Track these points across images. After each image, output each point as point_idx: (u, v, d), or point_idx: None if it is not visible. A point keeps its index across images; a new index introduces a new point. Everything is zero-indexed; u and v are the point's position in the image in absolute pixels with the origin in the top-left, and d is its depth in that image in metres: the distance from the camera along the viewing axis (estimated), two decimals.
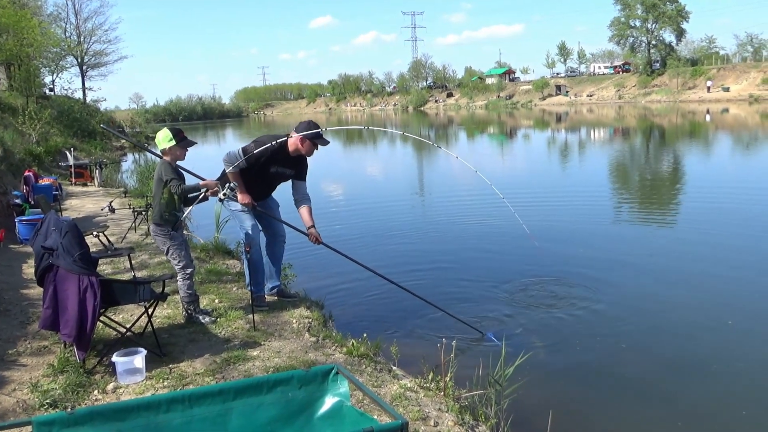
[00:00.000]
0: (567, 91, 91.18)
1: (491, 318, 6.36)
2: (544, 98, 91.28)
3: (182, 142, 5.11)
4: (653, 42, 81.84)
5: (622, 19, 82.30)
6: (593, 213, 11.95)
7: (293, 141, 5.58)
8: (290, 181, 5.81)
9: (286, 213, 6.03)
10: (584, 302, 6.74)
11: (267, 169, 5.60)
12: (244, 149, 5.51)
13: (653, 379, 5.12)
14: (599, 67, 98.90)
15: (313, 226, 5.65)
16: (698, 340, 5.85)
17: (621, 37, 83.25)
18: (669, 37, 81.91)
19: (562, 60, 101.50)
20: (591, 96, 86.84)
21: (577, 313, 6.45)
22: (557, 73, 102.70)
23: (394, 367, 4.85)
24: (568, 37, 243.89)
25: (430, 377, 4.43)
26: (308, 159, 5.82)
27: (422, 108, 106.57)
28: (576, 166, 21.84)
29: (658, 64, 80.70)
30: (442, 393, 4.26)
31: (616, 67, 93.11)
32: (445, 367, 4.32)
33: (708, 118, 45.74)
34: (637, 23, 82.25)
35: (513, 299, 6.97)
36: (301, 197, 5.78)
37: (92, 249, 5.57)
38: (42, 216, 8.21)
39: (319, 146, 5.65)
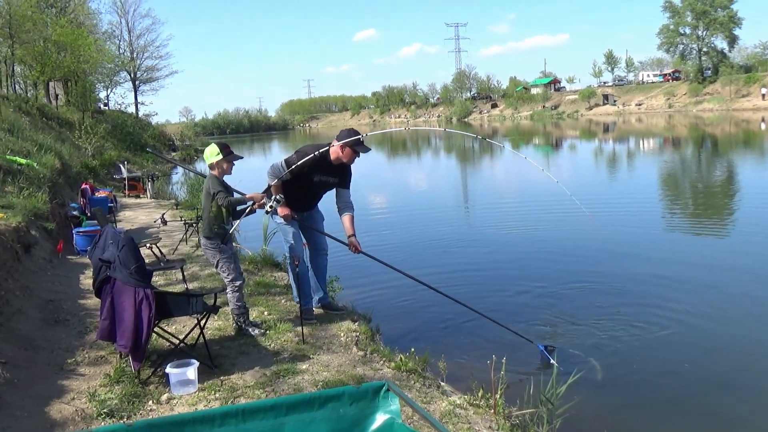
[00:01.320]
0: (615, 101, 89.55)
1: (542, 330, 6.25)
2: (590, 108, 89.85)
3: (228, 156, 5.21)
4: (704, 49, 79.76)
5: (672, 27, 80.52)
6: (648, 224, 11.68)
7: (335, 149, 5.63)
8: (334, 189, 5.85)
9: (330, 224, 6.06)
10: (641, 318, 6.52)
11: (311, 179, 5.62)
12: (287, 161, 5.59)
13: (716, 402, 4.89)
14: (648, 76, 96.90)
15: (353, 234, 5.68)
16: (761, 361, 5.60)
17: (670, 44, 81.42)
18: (721, 43, 79.80)
19: (609, 69, 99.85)
20: (640, 105, 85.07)
21: (634, 329, 6.25)
22: (604, 82, 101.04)
23: (442, 383, 4.82)
24: (614, 45, 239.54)
25: (479, 394, 4.38)
26: (352, 168, 5.86)
27: (466, 119, 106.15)
28: (626, 176, 21.38)
29: (709, 72, 78.59)
30: (493, 411, 4.20)
31: (665, 75, 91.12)
32: (495, 384, 4.26)
33: (763, 126, 44.20)
34: (687, 30, 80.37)
35: (565, 311, 6.83)
36: (343, 205, 5.82)
37: (146, 260, 5.71)
38: (98, 228, 8.47)
39: (360, 153, 5.68)
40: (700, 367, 5.49)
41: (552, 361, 5.19)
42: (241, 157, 5.43)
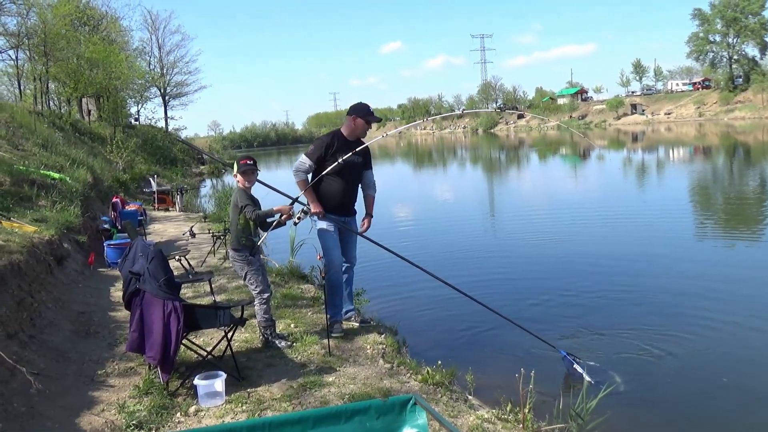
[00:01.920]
0: (643, 110, 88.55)
1: (571, 342, 6.13)
2: (618, 118, 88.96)
3: (239, 167, 5.26)
4: (735, 57, 78.56)
5: (701, 35, 79.50)
6: (680, 234, 11.46)
7: (346, 124, 5.78)
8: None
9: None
10: (676, 330, 6.36)
11: (335, 160, 5.55)
12: (305, 153, 5.72)
13: (759, 420, 4.68)
14: (677, 84, 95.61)
15: (370, 215, 5.90)
16: None
17: (700, 52, 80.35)
18: (752, 51, 78.55)
19: (637, 78, 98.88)
20: (669, 114, 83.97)
21: (669, 342, 6.07)
22: (632, 92, 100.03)
23: (470, 397, 4.76)
24: (642, 54, 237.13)
25: (507, 408, 4.31)
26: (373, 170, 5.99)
27: (492, 130, 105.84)
28: (656, 185, 21.05)
29: (740, 80, 77.25)
30: (521, 425, 4.13)
31: (695, 83, 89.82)
32: (523, 398, 4.19)
33: None
34: (717, 38, 79.30)
35: (596, 322, 6.71)
36: (366, 185, 5.98)
37: (174, 273, 5.77)
38: (128, 240, 8.60)
39: (372, 124, 5.83)
40: (740, 382, 5.27)
41: (581, 371, 5.09)
42: (254, 167, 5.29)
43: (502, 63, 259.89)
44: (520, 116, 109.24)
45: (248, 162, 5.30)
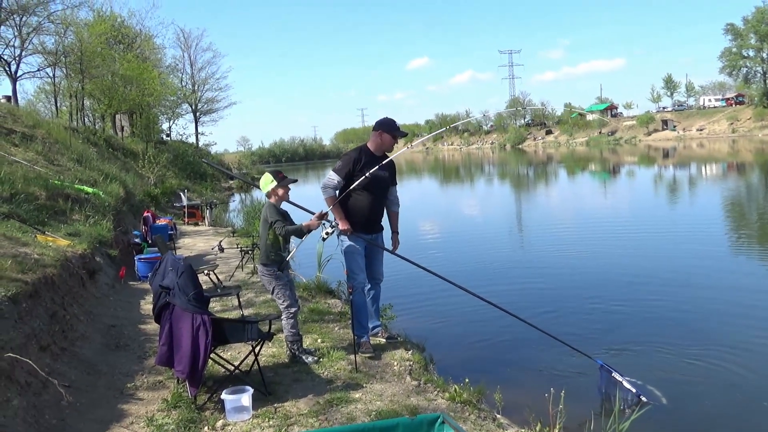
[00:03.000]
0: (674, 126, 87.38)
1: (606, 356, 6.01)
2: (649, 134, 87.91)
3: (282, 181, 5.29)
4: None
5: (734, 50, 78.35)
6: (714, 251, 11.21)
7: (373, 138, 5.77)
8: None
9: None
10: (714, 350, 6.13)
11: (363, 174, 5.56)
12: (333, 169, 5.72)
13: None
14: (709, 100, 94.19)
15: (396, 232, 5.94)
16: None
17: (733, 68, 79.20)
18: None
19: (668, 93, 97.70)
20: (701, 130, 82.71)
21: (705, 362, 5.87)
22: (663, 108, 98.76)
23: (498, 415, 4.69)
24: (672, 69, 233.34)
25: (537, 429, 4.23)
26: (398, 186, 6.01)
27: (520, 146, 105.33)
28: (688, 202, 20.67)
29: None
30: None
31: (728, 99, 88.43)
32: (553, 418, 4.12)
33: None
34: (751, 53, 78.12)
35: (632, 338, 6.56)
36: (391, 201, 5.96)
37: (203, 287, 5.83)
38: (159, 254, 8.72)
39: (399, 139, 5.82)
40: None
41: (620, 379, 4.96)
42: (295, 180, 5.49)
43: (530, 78, 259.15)
44: (548, 132, 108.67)
45: (287, 176, 5.35)
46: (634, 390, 5.00)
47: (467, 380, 4.95)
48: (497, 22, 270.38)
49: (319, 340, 6.01)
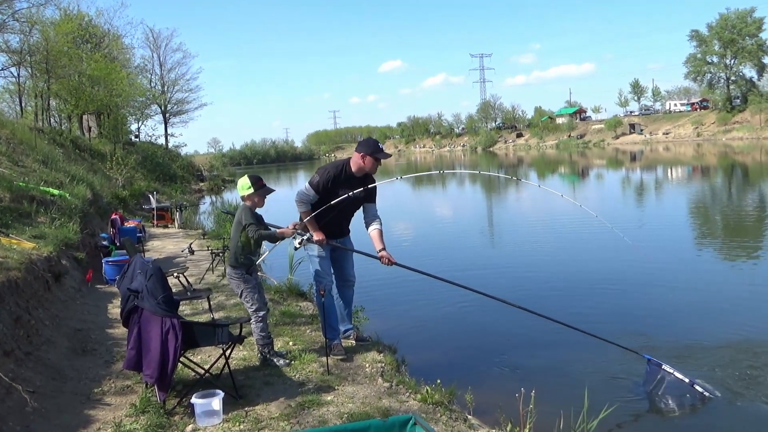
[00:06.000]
0: (641, 130, 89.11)
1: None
2: (617, 137, 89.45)
3: (261, 189, 5.24)
4: (732, 78, 79.12)
5: (699, 56, 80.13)
6: (700, 252, 11.44)
7: (355, 159, 5.64)
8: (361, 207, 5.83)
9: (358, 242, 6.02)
10: (693, 350, 6.22)
11: (337, 195, 5.55)
12: (310, 183, 5.61)
13: None
14: (675, 105, 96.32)
15: (383, 248, 5.58)
16: None
17: (698, 73, 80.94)
18: (750, 72, 79.13)
19: (635, 98, 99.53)
20: (667, 134, 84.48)
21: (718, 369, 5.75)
22: (631, 112, 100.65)
23: (469, 416, 4.72)
24: (640, 74, 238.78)
25: (507, 428, 4.27)
26: (378, 193, 5.87)
27: (491, 149, 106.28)
28: (654, 205, 21.07)
29: (738, 101, 77.81)
30: None
31: (693, 104, 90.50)
32: (523, 418, 4.16)
33: None
34: (715, 59, 79.92)
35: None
36: (371, 219, 5.76)
37: (173, 290, 5.75)
38: (127, 257, 8.58)
39: (381, 160, 5.66)
40: None
41: (680, 377, 4.98)
42: (273, 191, 5.45)
43: (501, 82, 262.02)
44: (519, 135, 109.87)
45: (266, 185, 5.30)
46: (687, 380, 4.98)
47: (439, 381, 4.97)
48: (470, 25, 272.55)
49: (290, 343, 5.98)
